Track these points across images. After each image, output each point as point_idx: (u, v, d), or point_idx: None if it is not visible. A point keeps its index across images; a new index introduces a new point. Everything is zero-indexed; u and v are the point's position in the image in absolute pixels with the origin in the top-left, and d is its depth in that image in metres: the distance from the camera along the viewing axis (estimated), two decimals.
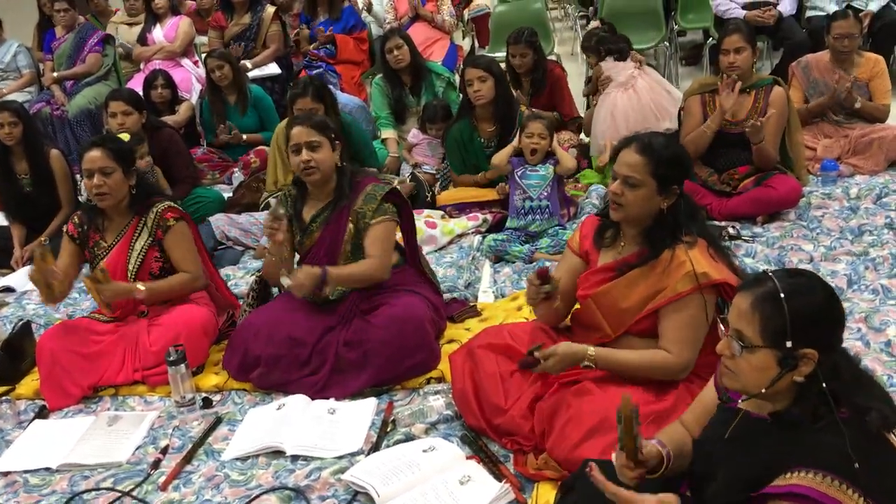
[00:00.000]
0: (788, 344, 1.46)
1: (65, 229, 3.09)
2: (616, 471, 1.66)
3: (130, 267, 2.98)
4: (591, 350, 2.19)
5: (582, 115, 4.91)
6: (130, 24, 6.85)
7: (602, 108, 4.39)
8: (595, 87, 4.63)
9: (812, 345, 1.46)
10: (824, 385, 1.45)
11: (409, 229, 3.02)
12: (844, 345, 2.61)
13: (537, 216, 3.73)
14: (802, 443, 1.46)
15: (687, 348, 2.16)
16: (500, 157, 3.86)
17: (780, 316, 1.46)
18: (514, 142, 3.82)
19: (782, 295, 1.46)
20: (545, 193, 3.73)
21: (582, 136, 4.78)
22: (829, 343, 1.49)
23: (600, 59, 4.46)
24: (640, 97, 4.36)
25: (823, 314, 1.48)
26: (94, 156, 2.92)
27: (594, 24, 4.53)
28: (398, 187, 3.03)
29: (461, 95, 4.72)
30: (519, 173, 3.76)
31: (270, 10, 6.09)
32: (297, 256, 2.98)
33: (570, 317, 2.52)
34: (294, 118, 2.93)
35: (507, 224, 3.83)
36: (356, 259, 2.85)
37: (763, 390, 1.50)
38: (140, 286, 2.91)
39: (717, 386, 1.72)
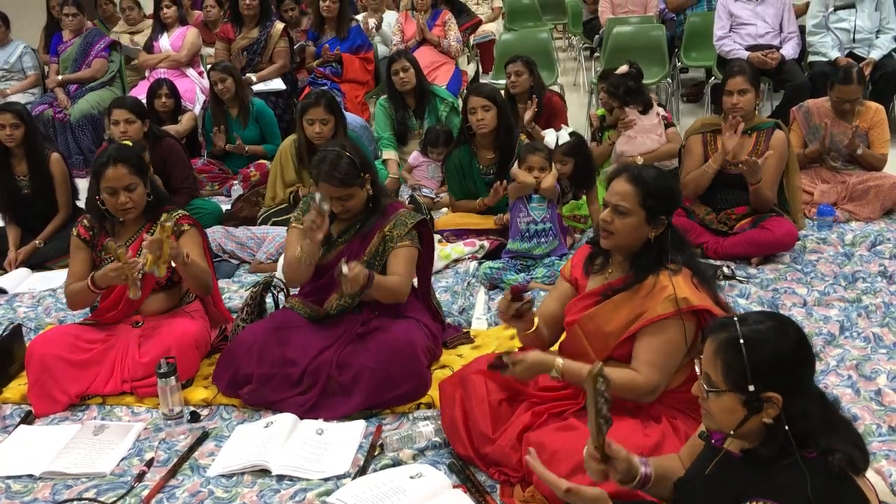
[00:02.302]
0: (751, 388, 1.50)
1: (75, 232, 3.04)
2: (584, 463, 1.73)
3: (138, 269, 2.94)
4: (559, 361, 2.19)
5: None
6: (132, 34, 6.90)
7: (629, 146, 4.47)
8: (607, 125, 4.67)
9: (776, 388, 1.49)
10: (787, 428, 1.48)
11: (428, 258, 3.03)
12: (835, 391, 2.66)
13: (542, 239, 3.74)
14: (765, 478, 1.50)
15: (656, 371, 2.17)
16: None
17: (739, 362, 1.51)
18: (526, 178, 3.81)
19: (742, 341, 1.51)
20: (548, 216, 3.75)
21: None
22: (795, 386, 1.52)
23: (624, 105, 4.51)
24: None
25: (787, 360, 1.52)
26: (120, 173, 2.88)
27: (623, 68, 4.54)
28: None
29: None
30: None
31: (279, 26, 6.13)
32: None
33: (558, 347, 2.52)
34: (317, 171, 2.77)
35: (509, 246, 3.83)
36: None
37: (732, 431, 1.55)
38: (187, 251, 2.82)
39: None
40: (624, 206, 2.21)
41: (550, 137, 4.05)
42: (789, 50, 5.61)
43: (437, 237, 4.09)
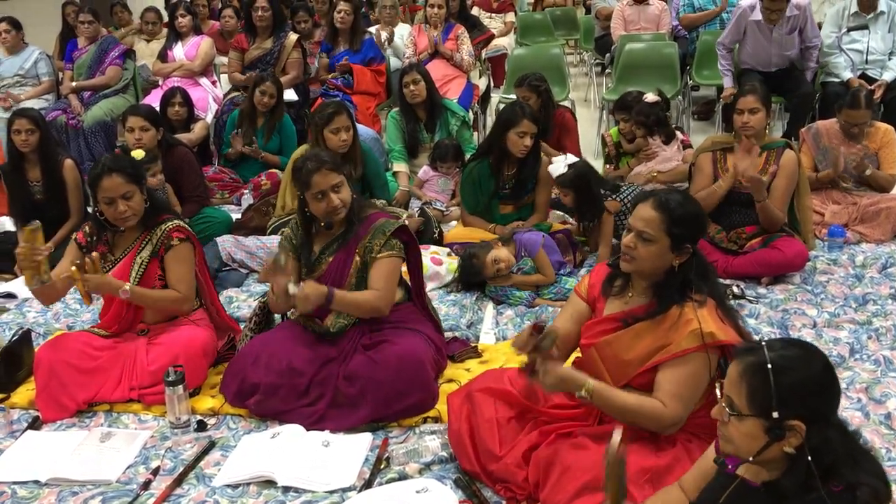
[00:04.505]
0: (775, 415, 1.48)
1: (74, 237, 3.07)
2: None
3: (132, 279, 2.97)
4: (591, 382, 2.14)
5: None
6: (149, 41, 6.96)
7: (646, 169, 4.49)
8: (625, 152, 4.67)
9: (800, 417, 1.48)
10: (810, 458, 1.46)
11: (416, 266, 3.03)
12: (844, 414, 2.64)
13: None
14: None
15: (681, 404, 2.15)
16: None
17: (766, 387, 1.49)
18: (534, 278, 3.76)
19: (769, 366, 1.50)
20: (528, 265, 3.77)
21: None
22: (820, 416, 1.50)
23: (649, 135, 4.51)
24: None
25: (813, 388, 1.50)
26: (116, 182, 2.89)
27: (652, 97, 4.53)
28: (406, 222, 3.02)
29: (474, 134, 4.75)
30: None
31: (293, 37, 6.16)
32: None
33: (571, 364, 2.50)
34: (307, 163, 2.81)
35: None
36: (360, 290, 2.85)
37: (751, 458, 1.53)
38: (126, 286, 2.88)
39: (717, 449, 1.73)
40: (648, 232, 2.17)
41: (553, 167, 4.02)
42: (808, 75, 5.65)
43: (445, 250, 4.11)
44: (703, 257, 2.27)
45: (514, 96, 5.11)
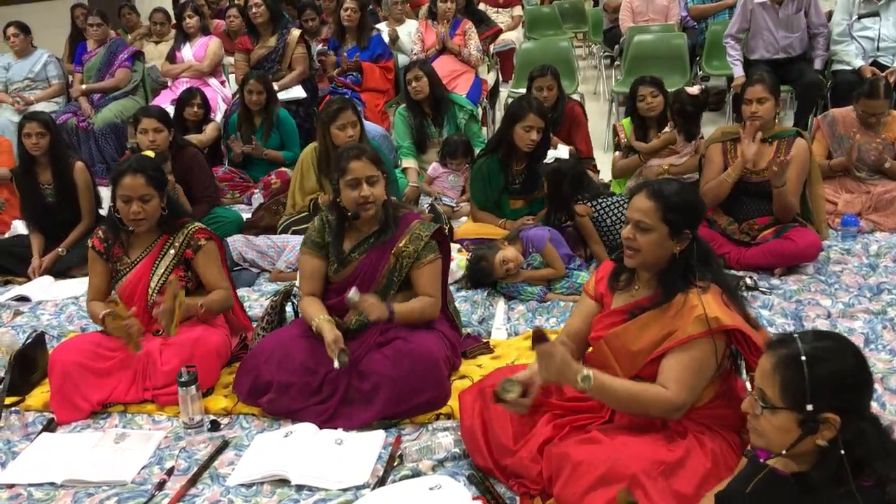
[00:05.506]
0: (809, 407, 1.46)
1: (90, 244, 3.08)
2: None
3: (153, 284, 2.99)
4: (587, 370, 2.10)
5: (594, 154, 5.02)
6: (157, 42, 6.98)
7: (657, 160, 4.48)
8: (638, 145, 4.65)
9: (834, 410, 1.46)
10: (843, 451, 1.45)
11: (445, 266, 3.02)
12: None
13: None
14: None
15: (685, 389, 2.14)
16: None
17: (800, 379, 1.47)
18: (544, 272, 3.75)
19: (804, 358, 1.48)
20: (537, 260, 3.76)
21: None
22: (854, 409, 1.48)
23: (675, 129, 4.48)
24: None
25: (847, 380, 1.48)
26: (136, 183, 2.92)
27: (696, 88, 4.48)
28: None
29: (483, 129, 4.74)
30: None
31: (295, 32, 6.16)
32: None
33: (583, 361, 2.50)
34: (348, 151, 2.87)
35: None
36: (388, 292, 2.86)
37: (784, 451, 1.51)
38: (200, 301, 2.94)
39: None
40: (646, 222, 2.19)
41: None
42: (817, 63, 5.59)
43: (456, 246, 4.11)
44: (705, 243, 2.27)
45: (523, 90, 5.09)
